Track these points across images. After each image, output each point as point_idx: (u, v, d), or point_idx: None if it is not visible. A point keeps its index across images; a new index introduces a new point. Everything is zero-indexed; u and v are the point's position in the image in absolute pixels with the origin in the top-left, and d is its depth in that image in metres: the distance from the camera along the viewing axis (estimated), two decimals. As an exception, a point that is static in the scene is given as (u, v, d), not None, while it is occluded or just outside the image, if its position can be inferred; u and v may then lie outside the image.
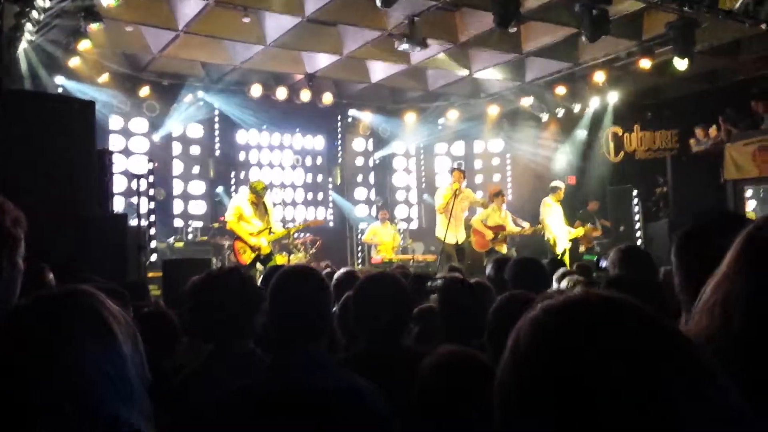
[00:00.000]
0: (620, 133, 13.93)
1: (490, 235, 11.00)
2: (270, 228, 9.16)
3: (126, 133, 12.45)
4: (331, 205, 15.13)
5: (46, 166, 6.06)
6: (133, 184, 9.23)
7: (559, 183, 11.26)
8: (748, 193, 12.36)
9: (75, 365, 1.10)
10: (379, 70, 12.70)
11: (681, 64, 10.02)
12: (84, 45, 9.67)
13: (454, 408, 1.62)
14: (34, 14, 7.36)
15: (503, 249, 10.94)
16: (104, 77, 11.16)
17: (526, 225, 11.32)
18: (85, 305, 1.17)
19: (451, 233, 9.70)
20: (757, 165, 11.49)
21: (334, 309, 3.16)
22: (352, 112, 14.81)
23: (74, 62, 10.33)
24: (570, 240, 11.11)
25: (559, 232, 10.91)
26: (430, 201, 14.00)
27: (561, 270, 4.95)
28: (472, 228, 11.62)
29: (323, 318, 2.18)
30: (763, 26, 8.81)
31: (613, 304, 0.82)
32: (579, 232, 11.27)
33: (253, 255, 8.99)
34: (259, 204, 9.11)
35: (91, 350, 1.11)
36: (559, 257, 10.25)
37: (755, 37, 10.15)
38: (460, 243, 9.76)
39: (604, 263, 4.46)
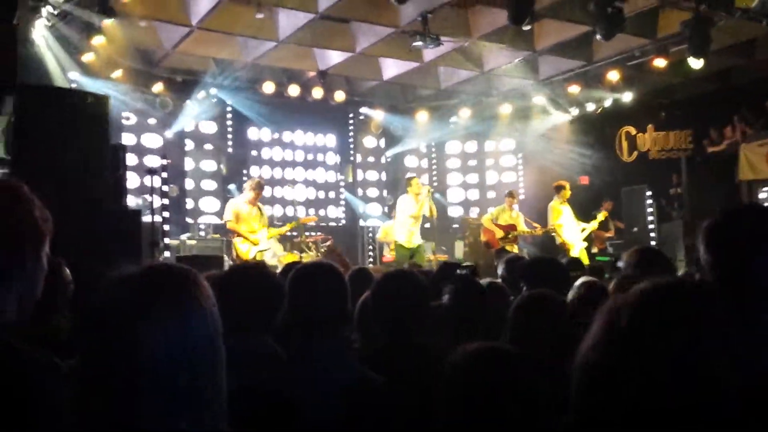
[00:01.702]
0: (634, 133, 13.84)
1: (500, 233, 10.95)
2: (266, 227, 9.33)
3: (139, 129, 12.49)
4: (342, 203, 15.13)
5: (61, 160, 6.06)
6: (147, 180, 9.24)
7: (562, 182, 11.16)
8: (762, 194, 12.26)
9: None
10: (392, 68, 12.67)
11: (696, 63, 9.94)
12: (98, 40, 9.70)
13: (493, 402, 1.60)
14: (49, 8, 7.38)
15: (514, 249, 10.88)
16: (118, 73, 11.19)
17: (537, 226, 11.26)
18: (193, 280, 1.20)
19: (409, 237, 9.72)
20: (772, 166, 11.42)
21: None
22: (363, 109, 14.79)
23: (88, 57, 10.37)
24: (584, 239, 11.02)
25: (572, 233, 10.82)
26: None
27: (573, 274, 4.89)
28: (482, 227, 11.59)
29: (342, 311, 2.18)
30: (781, 25, 8.73)
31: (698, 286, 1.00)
32: (593, 226, 11.16)
33: (252, 251, 9.06)
34: (255, 204, 9.24)
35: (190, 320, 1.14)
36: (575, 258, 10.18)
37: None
38: (416, 245, 9.78)
39: (620, 263, 4.42)
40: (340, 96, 13.33)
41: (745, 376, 0.89)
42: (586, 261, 10.14)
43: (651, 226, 12.62)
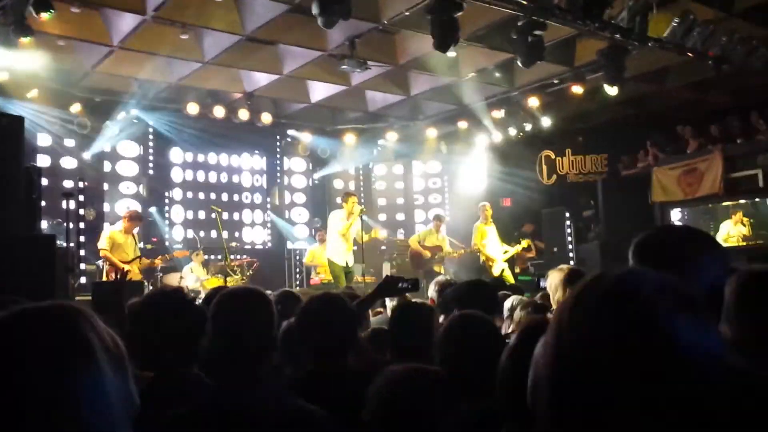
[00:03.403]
0: (553, 157, 14.31)
1: (427, 254, 11.11)
2: (140, 257, 9.73)
3: (55, 151, 12.00)
4: (269, 226, 14.95)
5: (-30, 183, 5.77)
6: (63, 204, 8.90)
7: (483, 203, 11.51)
8: (674, 215, 12.85)
9: (53, 390, 0.99)
10: (319, 90, 12.68)
11: (611, 90, 10.38)
12: (13, 59, 9.31)
13: (415, 421, 1.60)
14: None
15: (441, 269, 11.07)
16: (34, 93, 10.78)
17: (462, 247, 11.54)
18: (66, 322, 1.06)
19: (343, 256, 9.75)
20: (682, 188, 12.02)
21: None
22: (291, 132, 14.71)
23: (2, 76, 9.94)
24: (506, 260, 11.30)
25: (495, 253, 11.10)
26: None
27: (500, 294, 4.98)
28: (410, 248, 11.73)
29: (268, 338, 2.13)
30: (690, 54, 9.22)
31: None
32: (517, 249, 11.49)
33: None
34: (130, 233, 9.64)
35: (71, 374, 1.01)
36: (497, 276, 10.42)
37: (682, 65, 10.61)
38: (349, 266, 9.82)
39: (543, 283, 4.54)
40: (267, 118, 13.22)
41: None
42: (511, 280, 10.38)
43: (570, 247, 13.01)
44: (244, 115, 12.74)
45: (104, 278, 9.37)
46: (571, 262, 12.54)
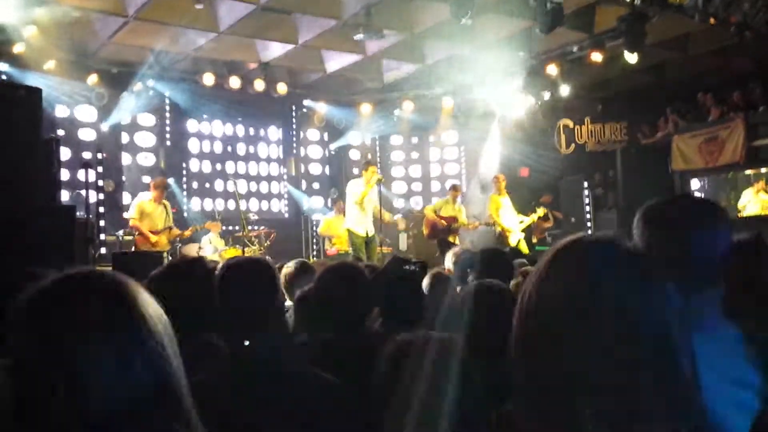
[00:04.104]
0: (571, 126, 14.15)
1: (443, 224, 11.08)
2: (170, 227, 9.54)
3: (73, 122, 12.07)
4: (285, 196, 14.99)
5: (-11, 154, 5.81)
6: (81, 175, 8.97)
7: (498, 175, 11.46)
8: (694, 184, 12.71)
9: (101, 353, 1.02)
10: (335, 60, 12.60)
11: (631, 57, 10.21)
12: (30, 30, 9.34)
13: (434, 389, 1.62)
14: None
15: (456, 240, 11.04)
16: (50, 64, 10.79)
17: (477, 220, 11.53)
18: (113, 288, 1.08)
19: (362, 226, 9.70)
20: (702, 156, 11.84)
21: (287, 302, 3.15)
22: (306, 102, 14.67)
23: (19, 48, 9.96)
24: (523, 230, 11.26)
25: (510, 223, 11.06)
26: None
27: (517, 261, 4.99)
28: (425, 217, 11.71)
29: (271, 303, 2.16)
30: (712, 20, 9.03)
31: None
32: (533, 219, 11.43)
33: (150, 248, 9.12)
34: (160, 202, 9.45)
35: (117, 337, 1.04)
36: (514, 247, 10.39)
37: (704, 32, 10.40)
38: (369, 235, 9.75)
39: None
40: (282, 88, 13.18)
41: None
42: (525, 251, 10.35)
43: (588, 216, 12.93)
44: (259, 85, 12.71)
45: (134, 249, 9.33)
46: (589, 232, 12.47)
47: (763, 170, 12.28)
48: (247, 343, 1.99)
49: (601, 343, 0.96)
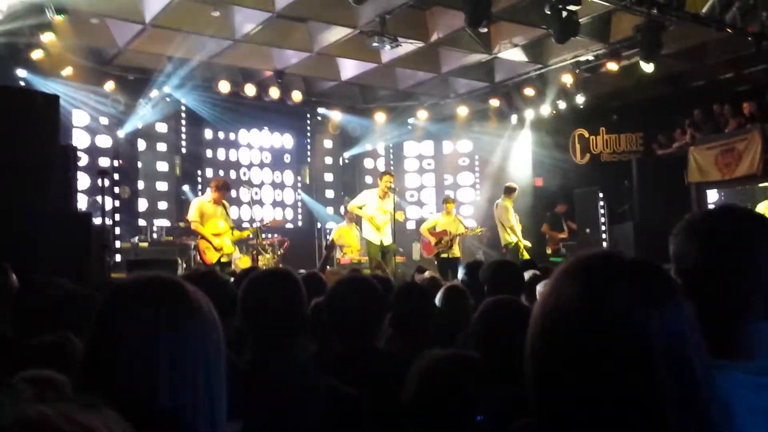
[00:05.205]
0: (586, 135, 14.08)
1: (433, 241, 11.04)
2: (232, 228, 9.23)
3: (90, 128, 12.17)
4: (299, 205, 15.02)
5: (8, 162, 5.87)
6: (97, 181, 9.04)
7: (512, 184, 11.41)
8: (711, 195, 12.58)
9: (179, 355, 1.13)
10: (350, 68, 12.63)
11: (647, 67, 10.15)
12: (48, 37, 9.44)
13: (454, 405, 1.61)
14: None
15: (456, 252, 10.90)
16: (68, 70, 10.89)
17: (481, 228, 11.55)
18: (181, 292, 1.20)
19: (376, 235, 9.64)
20: (719, 169, 11.72)
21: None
22: (321, 110, 14.71)
23: (37, 55, 10.08)
24: (538, 240, 11.23)
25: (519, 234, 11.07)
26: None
27: (530, 273, 4.95)
28: (421, 235, 11.76)
29: (299, 318, 2.15)
30: (729, 30, 8.97)
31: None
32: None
33: (217, 254, 8.95)
34: (220, 203, 9.15)
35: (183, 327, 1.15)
36: (527, 258, 10.34)
37: (721, 41, 10.33)
38: (385, 245, 9.68)
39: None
40: (297, 96, 13.23)
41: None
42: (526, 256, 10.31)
43: (603, 227, 12.83)
44: (274, 93, 12.77)
45: (197, 255, 9.09)
46: (604, 244, 12.39)
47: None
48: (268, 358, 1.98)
49: (610, 366, 0.94)
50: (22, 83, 10.35)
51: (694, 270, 1.38)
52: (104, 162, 11.36)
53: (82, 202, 10.60)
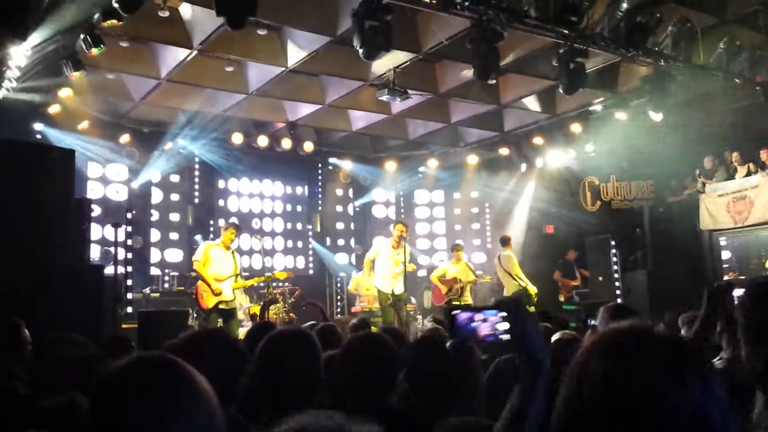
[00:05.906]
0: (597, 183, 14.09)
1: (444, 289, 11.01)
2: (238, 275, 9.05)
3: (105, 180, 12.34)
4: (311, 253, 15.04)
5: (23, 215, 5.96)
6: (110, 232, 9.10)
7: (507, 234, 11.66)
8: (723, 242, 12.50)
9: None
10: (361, 119, 12.80)
11: (656, 116, 10.21)
12: (65, 92, 9.67)
13: None
14: (14, 63, 7.33)
15: (467, 298, 10.85)
16: (84, 124, 11.12)
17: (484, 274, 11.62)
18: (179, 375, 1.27)
19: (388, 284, 9.58)
20: (731, 216, 11.67)
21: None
22: (332, 160, 14.86)
23: (54, 109, 10.31)
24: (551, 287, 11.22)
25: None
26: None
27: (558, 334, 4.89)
28: (432, 284, 11.74)
29: (316, 378, 2.14)
30: (737, 80, 9.05)
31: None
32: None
33: (214, 299, 8.64)
34: (229, 249, 9.00)
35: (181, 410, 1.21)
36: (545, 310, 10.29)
37: (729, 89, 10.39)
38: (396, 294, 9.60)
39: (592, 322, 4.45)
40: (309, 146, 13.40)
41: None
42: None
43: (616, 275, 12.73)
44: (286, 143, 12.94)
45: (195, 296, 8.79)
46: (617, 291, 12.28)
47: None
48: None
49: None
50: (39, 136, 10.55)
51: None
52: (118, 213, 11.47)
53: (95, 252, 10.66)
